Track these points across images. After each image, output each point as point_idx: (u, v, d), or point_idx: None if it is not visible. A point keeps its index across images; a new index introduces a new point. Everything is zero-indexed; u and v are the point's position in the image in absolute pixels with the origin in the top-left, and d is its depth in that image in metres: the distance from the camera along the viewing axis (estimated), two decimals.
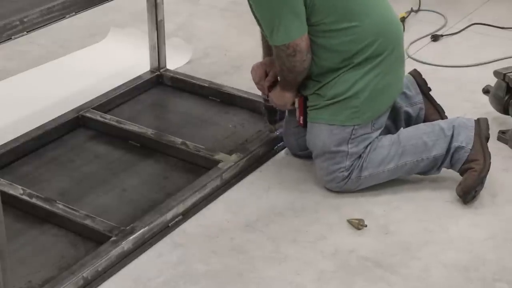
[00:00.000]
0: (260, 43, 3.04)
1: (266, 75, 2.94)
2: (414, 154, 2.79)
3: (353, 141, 2.77)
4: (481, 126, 2.83)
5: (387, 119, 2.87)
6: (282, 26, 2.65)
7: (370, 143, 2.79)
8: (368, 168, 2.79)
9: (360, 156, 2.78)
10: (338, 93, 2.75)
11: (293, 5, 2.64)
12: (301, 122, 2.88)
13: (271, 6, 2.66)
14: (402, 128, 2.93)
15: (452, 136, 2.79)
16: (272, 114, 3.07)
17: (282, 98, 2.88)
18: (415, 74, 3.07)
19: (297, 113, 2.89)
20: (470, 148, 2.77)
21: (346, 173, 2.78)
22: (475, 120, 2.84)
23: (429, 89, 3.04)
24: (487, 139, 2.83)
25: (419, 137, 2.80)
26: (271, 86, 2.93)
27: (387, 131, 2.92)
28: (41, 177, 2.91)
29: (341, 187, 2.80)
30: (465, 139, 2.78)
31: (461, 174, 2.81)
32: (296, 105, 2.88)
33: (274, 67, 2.89)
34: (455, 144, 2.78)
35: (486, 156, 2.78)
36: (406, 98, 3.00)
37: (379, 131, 2.83)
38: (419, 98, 3.02)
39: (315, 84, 2.80)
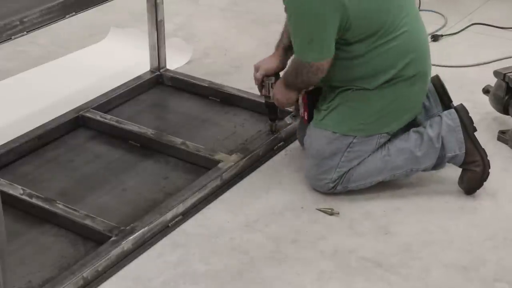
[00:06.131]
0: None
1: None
2: (404, 167, 2.78)
3: (348, 155, 2.76)
4: (465, 121, 2.79)
5: None
6: (317, 45, 2.63)
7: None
8: (356, 181, 2.78)
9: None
10: (351, 103, 2.74)
11: (332, 27, 2.59)
12: (306, 118, 2.88)
13: (312, 22, 2.61)
14: (392, 139, 2.82)
15: (443, 146, 2.76)
16: (273, 111, 3.06)
17: (286, 96, 2.87)
18: (437, 84, 2.90)
19: (302, 110, 2.88)
20: (464, 151, 2.77)
21: (331, 185, 2.78)
22: (457, 115, 2.79)
23: (451, 101, 2.88)
24: (474, 129, 2.81)
25: (410, 150, 2.77)
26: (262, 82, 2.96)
27: None
28: (41, 177, 2.91)
29: (329, 193, 2.81)
30: (456, 145, 2.77)
31: (462, 168, 2.82)
32: (300, 101, 2.87)
33: (262, 67, 2.92)
34: (448, 154, 2.78)
35: (482, 154, 2.78)
36: (425, 110, 2.89)
37: None
38: (438, 109, 2.89)
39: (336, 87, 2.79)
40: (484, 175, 2.78)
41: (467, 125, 2.79)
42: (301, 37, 2.66)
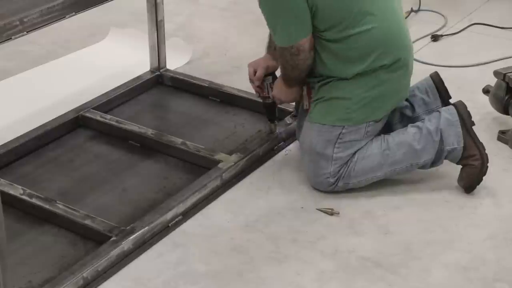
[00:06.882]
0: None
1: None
2: (404, 161, 2.79)
3: (340, 146, 2.76)
4: (463, 116, 2.80)
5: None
6: (283, 28, 2.68)
7: (357, 150, 2.78)
8: (357, 176, 2.79)
9: (346, 163, 2.78)
10: (333, 94, 2.77)
11: (293, 7, 2.64)
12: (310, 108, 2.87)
13: (273, 7, 2.68)
14: (392, 133, 2.84)
15: (441, 140, 2.77)
16: (272, 112, 3.06)
17: (289, 94, 2.90)
18: (436, 80, 2.97)
19: (306, 101, 2.88)
20: (462, 145, 2.78)
21: (332, 180, 2.78)
22: (456, 111, 2.80)
23: (449, 97, 2.95)
24: (472, 123, 2.82)
25: (409, 144, 2.78)
26: (262, 85, 2.97)
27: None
28: (41, 177, 2.91)
29: (330, 191, 2.81)
30: (455, 138, 2.78)
31: (461, 165, 2.83)
32: (305, 93, 2.88)
33: (261, 66, 2.94)
34: (447, 148, 2.78)
35: (480, 148, 2.78)
36: (424, 104, 2.94)
37: (370, 138, 2.82)
38: (437, 104, 2.94)
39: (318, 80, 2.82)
40: (483, 169, 2.78)
41: (466, 119, 2.79)
42: (273, 21, 2.71)
